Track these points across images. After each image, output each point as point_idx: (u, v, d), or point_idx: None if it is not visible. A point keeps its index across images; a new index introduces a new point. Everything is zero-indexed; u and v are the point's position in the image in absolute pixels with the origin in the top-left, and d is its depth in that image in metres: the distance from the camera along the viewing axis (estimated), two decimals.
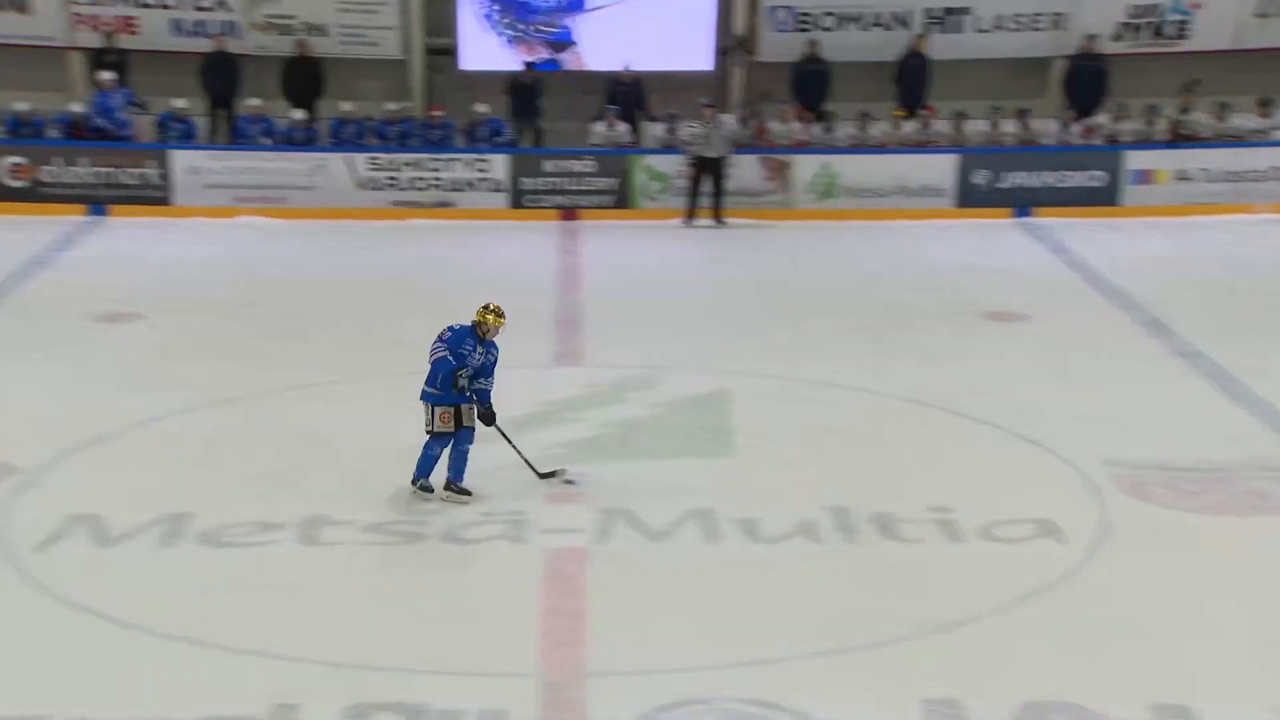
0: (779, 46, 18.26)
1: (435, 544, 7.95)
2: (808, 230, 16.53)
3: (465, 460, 8.38)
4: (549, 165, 17.30)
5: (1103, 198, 16.91)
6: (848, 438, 9.64)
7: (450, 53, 18.76)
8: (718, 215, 16.71)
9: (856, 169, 17.05)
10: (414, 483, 8.40)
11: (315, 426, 9.75)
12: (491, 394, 8.33)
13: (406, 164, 17.20)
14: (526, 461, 8.55)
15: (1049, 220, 16.63)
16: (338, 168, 17.11)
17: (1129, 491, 8.53)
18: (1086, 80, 17.77)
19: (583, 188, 17.27)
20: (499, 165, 17.23)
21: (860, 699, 6.26)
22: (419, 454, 8.37)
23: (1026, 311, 12.81)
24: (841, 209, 16.92)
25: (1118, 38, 18.09)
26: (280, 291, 13.89)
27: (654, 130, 17.90)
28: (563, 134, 18.37)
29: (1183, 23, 18.05)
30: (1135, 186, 16.90)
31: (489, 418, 8.36)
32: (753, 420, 9.90)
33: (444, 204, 17.24)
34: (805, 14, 18.21)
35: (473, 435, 8.36)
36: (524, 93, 18.11)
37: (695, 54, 18.53)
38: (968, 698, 6.20)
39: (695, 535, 8.02)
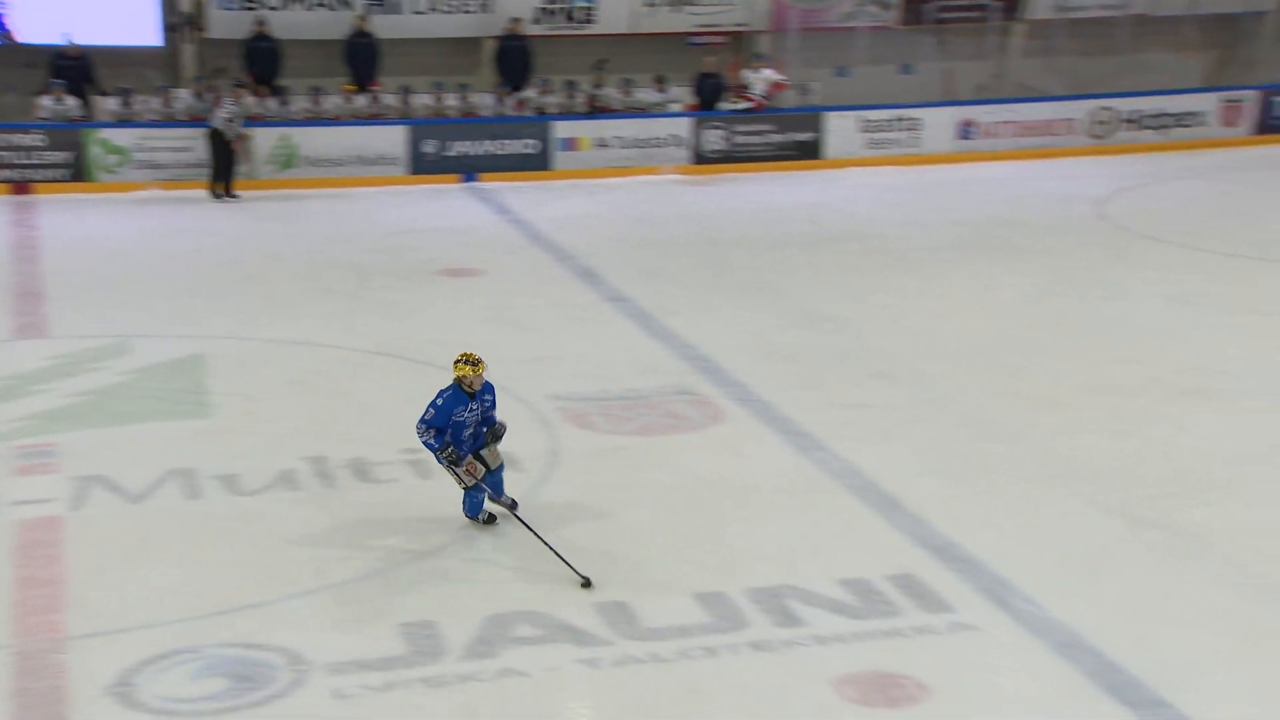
0: (227, 24, 17.48)
1: None
2: (272, 199, 16.02)
3: (501, 485, 7.37)
4: None
5: (536, 163, 17.54)
6: (322, 391, 9.49)
7: None
8: (229, 189, 15.88)
9: (314, 140, 16.71)
10: (476, 518, 7.37)
11: None
12: (497, 417, 7.29)
13: None
14: (563, 559, 6.85)
15: (492, 184, 17.04)
16: None
17: (573, 421, 8.96)
18: (514, 58, 18.33)
19: (34, 161, 15.81)
20: None
21: (343, 630, 6.22)
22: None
23: (478, 267, 13.08)
24: (302, 178, 16.56)
25: (537, 20, 18.76)
26: None
27: (107, 105, 16.64)
28: (6, 108, 16.70)
29: (589, 9, 19.00)
30: (563, 153, 17.66)
31: (497, 435, 7.27)
32: (228, 381, 9.52)
33: None
34: None
35: (501, 468, 7.35)
36: None
37: (141, 29, 17.36)
38: (441, 618, 6.32)
39: (176, 494, 7.64)
